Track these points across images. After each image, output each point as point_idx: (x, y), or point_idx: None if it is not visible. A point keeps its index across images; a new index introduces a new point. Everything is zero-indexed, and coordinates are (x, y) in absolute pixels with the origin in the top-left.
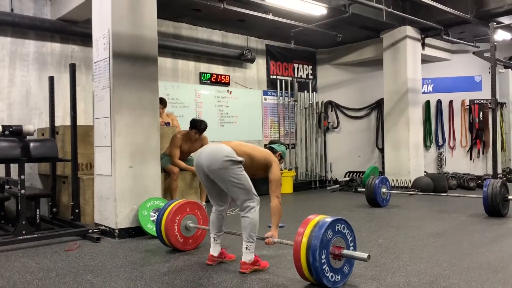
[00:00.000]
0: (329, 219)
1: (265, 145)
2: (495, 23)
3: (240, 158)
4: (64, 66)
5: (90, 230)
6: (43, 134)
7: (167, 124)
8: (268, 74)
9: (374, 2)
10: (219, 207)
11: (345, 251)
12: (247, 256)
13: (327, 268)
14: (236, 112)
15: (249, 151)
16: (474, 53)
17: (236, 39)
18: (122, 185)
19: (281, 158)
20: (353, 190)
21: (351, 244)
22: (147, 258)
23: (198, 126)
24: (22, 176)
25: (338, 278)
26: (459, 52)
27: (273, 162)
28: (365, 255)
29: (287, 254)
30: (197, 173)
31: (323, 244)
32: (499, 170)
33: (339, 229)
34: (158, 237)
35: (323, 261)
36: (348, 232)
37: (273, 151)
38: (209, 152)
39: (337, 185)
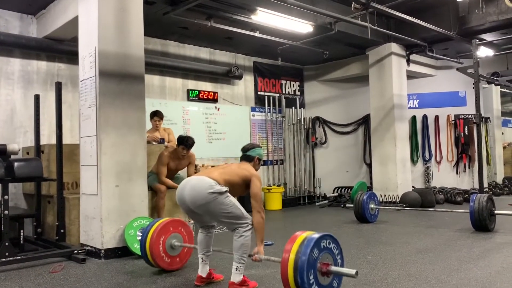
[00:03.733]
0: (315, 236)
1: (244, 154)
2: (477, 40)
3: (224, 188)
4: (50, 84)
5: (76, 251)
6: (28, 153)
7: (162, 140)
8: (256, 91)
9: (359, 20)
10: (207, 227)
11: (333, 268)
12: (236, 277)
13: (316, 287)
14: (224, 129)
15: (228, 178)
16: (458, 69)
17: (223, 56)
18: (108, 205)
19: (259, 161)
20: (342, 205)
21: (338, 258)
22: (134, 279)
23: (185, 142)
24: (6, 197)
25: None
26: (443, 68)
27: (251, 177)
28: (353, 272)
29: (275, 273)
30: (180, 207)
31: (310, 264)
32: (485, 184)
33: (325, 245)
34: (144, 258)
35: (311, 281)
36: (334, 246)
37: (249, 159)
38: (192, 187)
39: (326, 201)
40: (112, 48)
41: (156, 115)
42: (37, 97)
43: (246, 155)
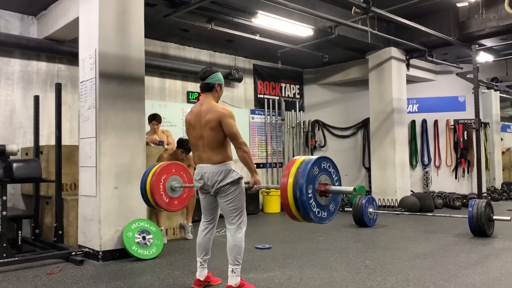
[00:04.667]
0: (314, 157)
1: (203, 83)
2: (477, 46)
3: (239, 175)
4: (50, 85)
5: (74, 253)
6: (27, 154)
7: (161, 142)
8: (256, 94)
9: (360, 24)
10: (209, 222)
11: (331, 187)
12: (233, 280)
13: (313, 203)
14: None
15: (218, 145)
16: (457, 74)
17: (223, 59)
18: (106, 206)
19: (220, 87)
20: (341, 209)
21: (336, 183)
22: (131, 281)
23: (185, 145)
24: (4, 197)
25: (324, 215)
26: (443, 73)
27: (220, 119)
28: (350, 188)
29: (273, 277)
30: (194, 181)
31: (310, 179)
32: (484, 189)
33: (325, 167)
34: (143, 198)
35: (309, 195)
36: (333, 172)
37: (209, 88)
38: (209, 178)
39: None
40: (112, 50)
41: (154, 119)
42: (36, 98)
43: (205, 83)
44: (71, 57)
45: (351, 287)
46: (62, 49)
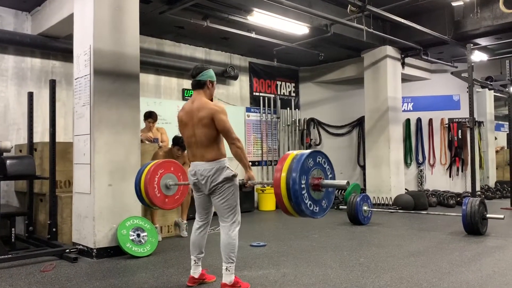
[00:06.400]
0: (310, 150)
1: (195, 80)
2: (472, 45)
3: (232, 173)
4: (44, 81)
5: (68, 250)
6: (20, 151)
7: (155, 140)
8: (251, 91)
9: (355, 23)
10: (203, 220)
11: (324, 181)
12: (227, 278)
13: (306, 194)
14: None
15: (211, 141)
16: (452, 73)
17: (219, 56)
18: (101, 204)
19: (212, 84)
20: (335, 207)
21: (330, 178)
22: (125, 279)
23: (180, 143)
24: None
25: (316, 209)
26: (438, 71)
27: (212, 115)
28: (344, 182)
29: (268, 274)
30: (189, 178)
31: (304, 170)
32: (478, 188)
33: (320, 162)
34: (137, 195)
35: (302, 186)
36: (328, 168)
37: (200, 85)
38: (203, 175)
39: None
40: (107, 47)
41: (151, 117)
42: (30, 95)
43: (197, 80)
44: (65, 53)
45: (345, 285)
46: (56, 45)
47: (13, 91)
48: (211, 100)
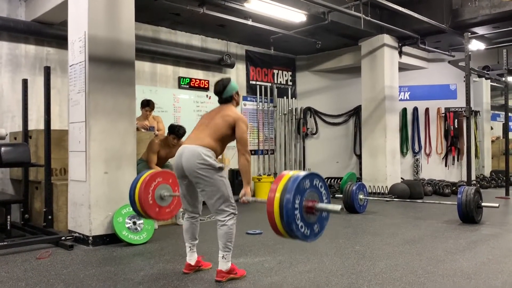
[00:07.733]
0: (307, 172)
1: (221, 98)
2: (469, 33)
3: (219, 164)
4: (38, 68)
5: (63, 238)
6: (15, 138)
7: (152, 128)
8: (248, 80)
9: (353, 11)
10: (192, 213)
11: (318, 204)
12: (224, 265)
13: (298, 215)
14: None
15: (218, 135)
16: (449, 62)
17: (215, 44)
18: (97, 191)
19: (238, 95)
20: (331, 196)
21: (326, 203)
22: (121, 266)
23: (176, 131)
24: None
25: (307, 232)
26: (435, 60)
27: (236, 121)
28: (338, 207)
29: (264, 261)
30: (175, 173)
31: (300, 190)
32: (473, 177)
33: (316, 185)
34: (132, 206)
35: (296, 206)
36: (324, 193)
37: (228, 100)
38: (187, 160)
39: None
40: (102, 33)
41: (148, 106)
42: (25, 82)
43: (223, 98)
44: (60, 40)
45: (341, 272)
46: (51, 32)
47: (7, 78)
48: (238, 104)
